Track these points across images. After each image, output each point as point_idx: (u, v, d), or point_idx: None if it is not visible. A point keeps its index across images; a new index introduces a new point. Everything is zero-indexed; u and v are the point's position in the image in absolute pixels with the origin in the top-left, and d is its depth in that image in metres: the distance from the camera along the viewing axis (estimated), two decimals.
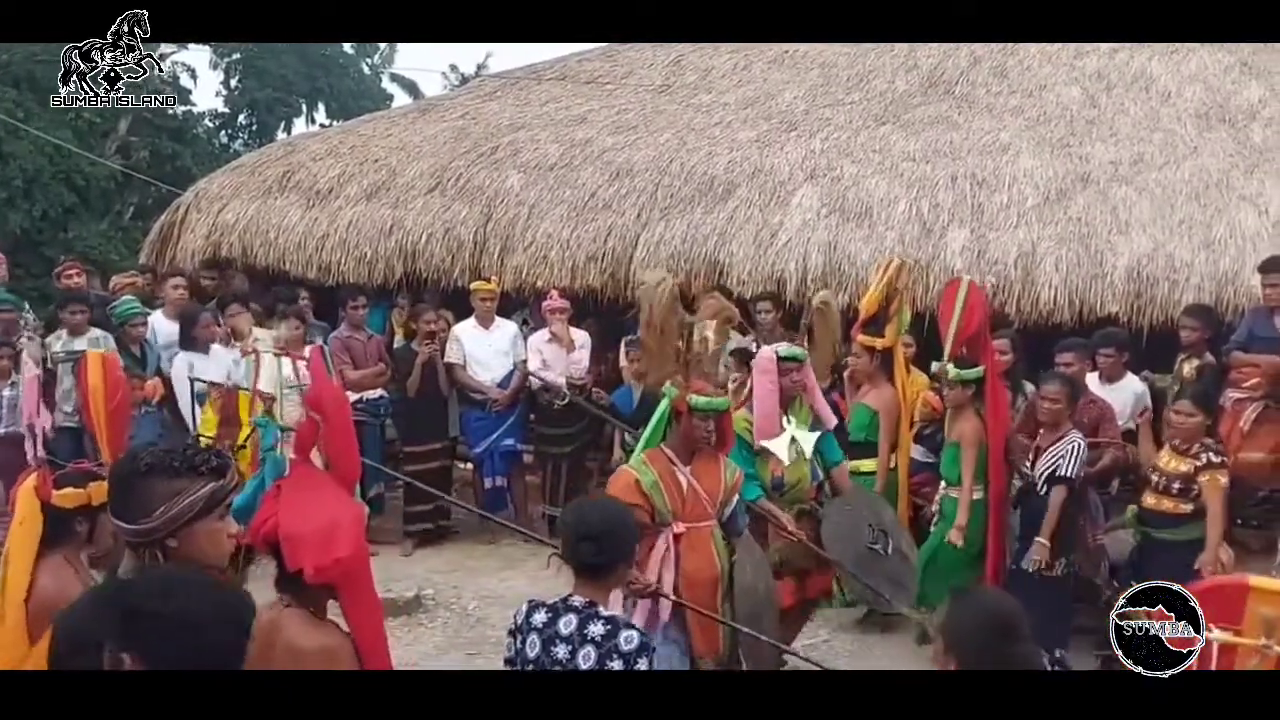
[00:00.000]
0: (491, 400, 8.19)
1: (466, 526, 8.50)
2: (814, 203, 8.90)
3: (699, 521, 4.72)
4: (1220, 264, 7.62)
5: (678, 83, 10.99)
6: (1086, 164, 8.70)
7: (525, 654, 3.06)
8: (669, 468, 4.74)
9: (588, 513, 3.27)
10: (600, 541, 3.07)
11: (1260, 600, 2.74)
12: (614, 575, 3.14)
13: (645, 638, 2.99)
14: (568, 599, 3.08)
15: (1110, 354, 6.90)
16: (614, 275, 9.07)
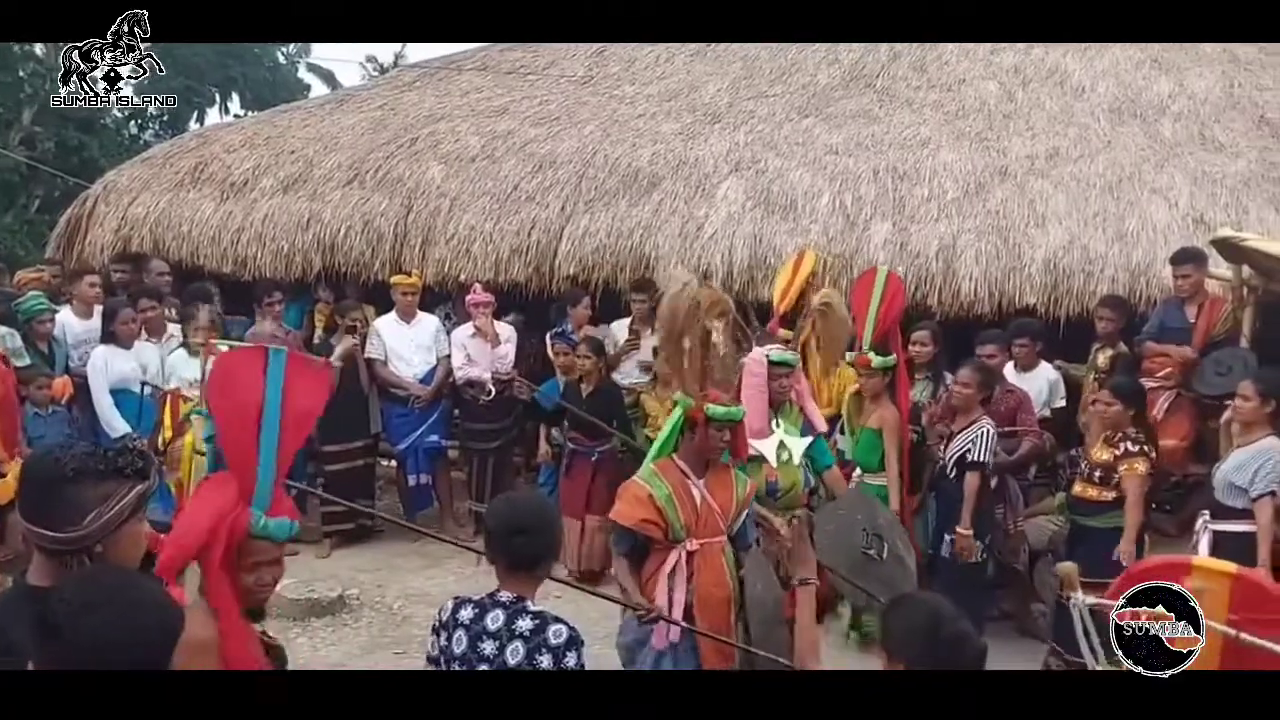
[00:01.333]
0: (414, 396, 8.12)
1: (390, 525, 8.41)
2: (739, 195, 8.96)
3: (712, 537, 4.55)
4: (1133, 256, 7.84)
5: (600, 74, 10.98)
6: (1004, 158, 8.88)
7: (451, 650, 3.03)
8: (682, 480, 4.56)
9: (519, 507, 3.24)
10: (532, 535, 3.06)
11: (1197, 575, 2.86)
12: (541, 569, 3.12)
13: (574, 632, 2.98)
14: (494, 594, 3.06)
15: (1025, 343, 7.10)
16: (538, 268, 9.05)
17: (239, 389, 2.90)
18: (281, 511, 2.95)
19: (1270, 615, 2.75)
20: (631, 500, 4.54)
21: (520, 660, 2.90)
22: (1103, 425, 5.90)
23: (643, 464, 4.76)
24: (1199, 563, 2.99)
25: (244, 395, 2.90)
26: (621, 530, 4.59)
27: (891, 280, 6.51)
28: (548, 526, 3.15)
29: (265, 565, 2.91)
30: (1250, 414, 5.57)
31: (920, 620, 2.63)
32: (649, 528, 4.50)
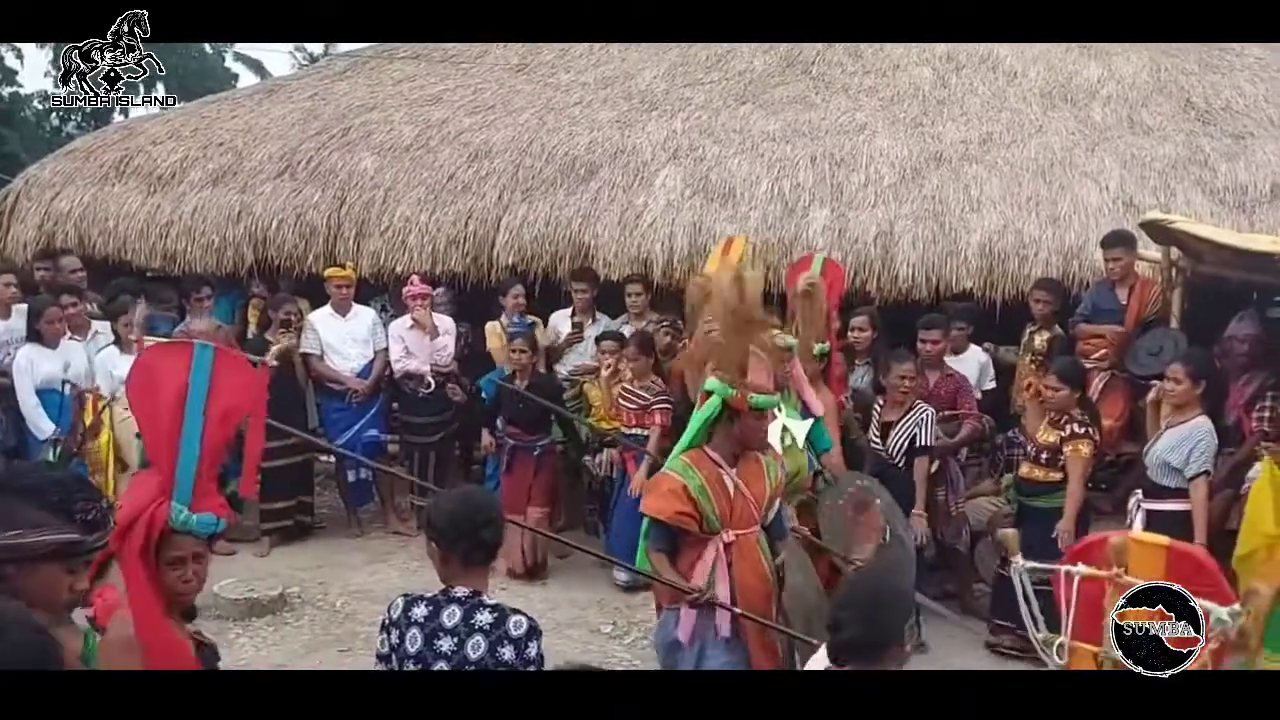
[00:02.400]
0: (351, 390, 8.06)
1: (331, 521, 8.37)
2: (677, 183, 8.99)
3: (747, 528, 4.50)
4: (1065, 239, 8.01)
5: (535, 61, 10.94)
6: (939, 143, 9.01)
7: (405, 649, 3.02)
8: (715, 471, 4.47)
9: (474, 500, 3.21)
10: (492, 527, 3.06)
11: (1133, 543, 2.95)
12: (493, 562, 3.14)
13: (534, 622, 3.00)
14: (448, 591, 3.05)
15: (963, 327, 7.24)
16: (476, 259, 9.01)
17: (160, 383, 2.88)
18: (208, 507, 2.90)
19: (1201, 585, 2.84)
20: (665, 493, 4.44)
21: (483, 654, 2.91)
22: (1048, 409, 6.05)
23: (670, 456, 4.67)
24: (1135, 537, 3.08)
25: (166, 389, 2.87)
26: (660, 528, 4.48)
27: (829, 266, 6.60)
28: (501, 518, 3.14)
29: (188, 561, 2.85)
30: (1182, 395, 5.73)
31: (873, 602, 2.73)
32: (685, 520, 4.41)
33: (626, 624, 6.82)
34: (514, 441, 7.52)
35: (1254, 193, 8.21)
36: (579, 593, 7.27)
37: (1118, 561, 2.86)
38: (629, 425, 7.27)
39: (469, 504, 3.15)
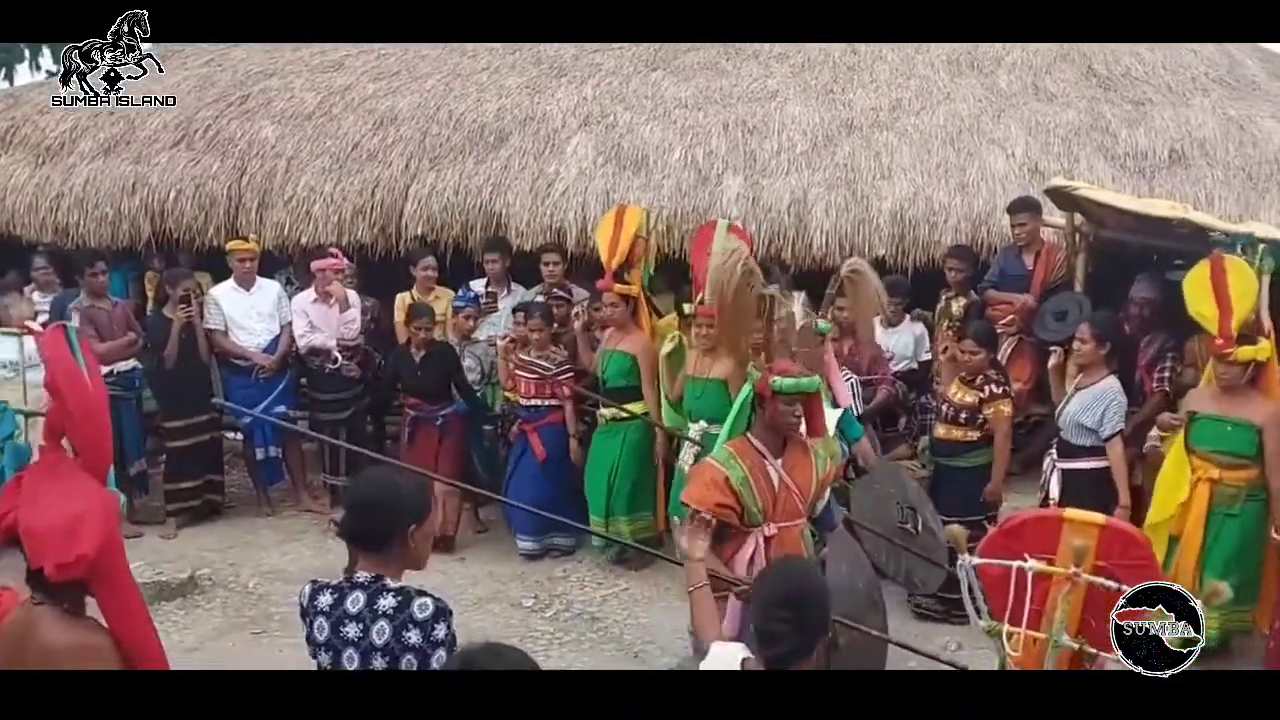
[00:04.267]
0: (258, 366, 7.96)
1: (241, 500, 8.27)
2: (589, 151, 9.01)
3: (791, 520, 4.42)
4: (974, 205, 8.25)
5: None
6: (850, 110, 9.17)
7: (316, 638, 2.99)
8: (759, 461, 4.39)
9: (361, 482, 3.20)
10: (369, 511, 2.97)
11: (1073, 532, 3.05)
12: (395, 547, 2.98)
13: (440, 603, 2.93)
14: (352, 576, 3.01)
15: (897, 301, 7.45)
16: (384, 229, 8.95)
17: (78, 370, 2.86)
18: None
19: (1135, 560, 2.98)
20: (707, 484, 4.35)
21: (388, 639, 2.86)
22: (965, 370, 6.27)
23: (716, 444, 4.59)
24: (1070, 515, 3.17)
25: (85, 376, 2.86)
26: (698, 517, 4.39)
27: (733, 232, 6.71)
28: (391, 502, 2.99)
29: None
30: (1089, 356, 5.99)
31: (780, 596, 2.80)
32: (725, 513, 4.34)
33: (549, 597, 6.88)
34: (415, 412, 7.54)
35: (1153, 158, 8.54)
36: (499, 566, 7.32)
37: (1077, 562, 2.95)
38: (527, 395, 7.33)
39: (370, 485, 3.12)
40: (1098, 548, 2.96)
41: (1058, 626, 2.92)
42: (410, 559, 3.02)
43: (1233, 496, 5.65)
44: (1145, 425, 6.41)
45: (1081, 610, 2.97)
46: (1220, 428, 5.64)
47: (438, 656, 2.84)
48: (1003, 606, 3.00)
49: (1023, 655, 2.99)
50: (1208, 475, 5.65)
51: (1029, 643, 3.00)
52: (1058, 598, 2.93)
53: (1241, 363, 5.52)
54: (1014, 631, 2.99)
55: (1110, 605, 2.87)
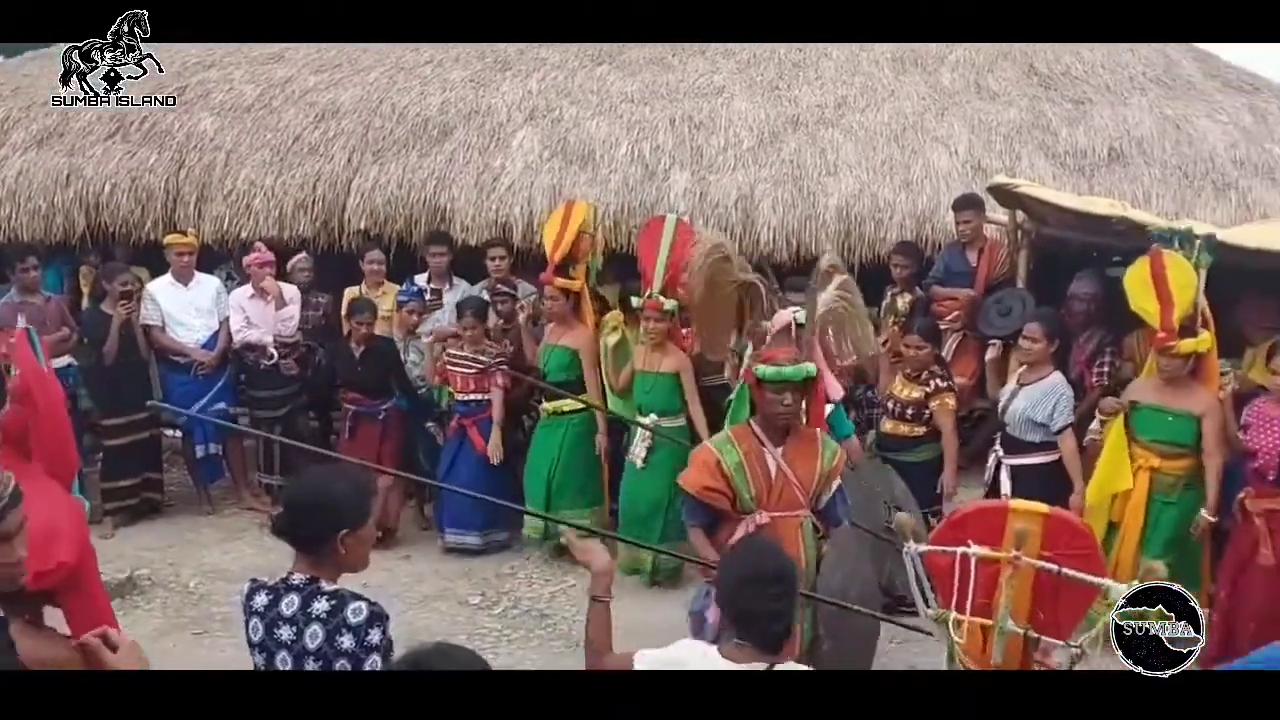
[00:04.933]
0: (196, 363, 7.89)
1: (181, 498, 8.18)
2: (535, 145, 9.04)
3: (788, 511, 4.36)
4: (919, 202, 8.39)
5: None
6: (796, 106, 9.27)
7: (251, 639, 2.97)
8: (757, 448, 4.34)
9: (296, 483, 3.17)
10: (301, 512, 2.95)
11: (1016, 518, 3.13)
12: (330, 549, 2.94)
13: (375, 607, 2.90)
14: (288, 578, 2.97)
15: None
16: (326, 223, 8.92)
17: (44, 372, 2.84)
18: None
19: (1079, 550, 3.06)
20: (700, 466, 4.35)
21: (320, 643, 2.84)
22: (910, 366, 6.39)
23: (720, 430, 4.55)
24: (1015, 505, 3.24)
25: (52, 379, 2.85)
26: (693, 502, 4.43)
27: (680, 227, 6.80)
28: (325, 503, 2.95)
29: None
30: (1039, 354, 6.15)
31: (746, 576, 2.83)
32: (714, 496, 4.34)
33: (495, 594, 6.90)
34: (355, 407, 7.53)
35: (1093, 157, 8.73)
36: (445, 564, 7.32)
37: (1018, 545, 3.02)
38: (464, 390, 7.34)
39: (303, 486, 3.08)
40: (1043, 538, 3.04)
41: (1003, 612, 2.99)
42: (345, 563, 2.98)
43: (1171, 485, 5.84)
44: (1085, 419, 6.58)
45: (1030, 603, 3.05)
46: (1161, 418, 5.82)
47: (371, 662, 2.82)
48: (950, 595, 3.07)
49: (970, 643, 3.06)
50: (1148, 464, 5.85)
51: (976, 631, 3.06)
52: (1002, 583, 3.00)
53: (1183, 355, 5.69)
54: (961, 619, 3.05)
55: (1057, 595, 2.96)
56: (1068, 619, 3.05)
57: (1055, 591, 2.98)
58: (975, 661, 3.07)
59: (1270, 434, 5.64)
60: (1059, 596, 3.00)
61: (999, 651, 3.02)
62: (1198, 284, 5.72)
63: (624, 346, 7.08)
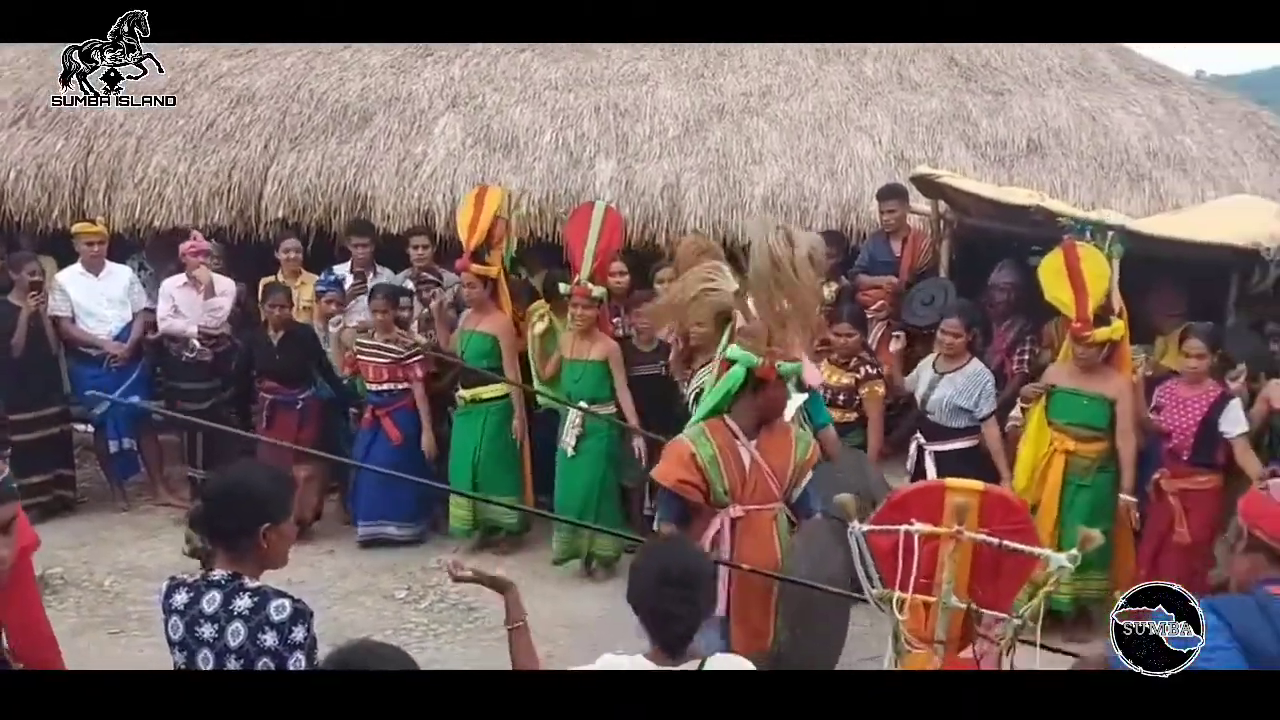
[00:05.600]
0: (109, 355, 7.74)
1: (94, 495, 8.03)
2: (457, 132, 9.02)
3: (762, 504, 4.41)
4: (843, 192, 8.53)
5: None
6: (721, 95, 9.36)
7: (171, 638, 2.94)
8: (731, 441, 4.38)
9: (215, 476, 3.18)
10: (221, 507, 2.94)
11: (954, 495, 3.20)
12: (252, 543, 2.93)
13: (299, 604, 2.87)
14: (209, 574, 2.94)
15: None
16: (242, 212, 8.83)
17: None
18: None
19: (1013, 525, 3.15)
20: (673, 459, 4.38)
21: (242, 641, 2.82)
22: (838, 353, 6.51)
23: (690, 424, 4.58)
24: (952, 483, 3.32)
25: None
26: (666, 495, 4.47)
27: (609, 214, 6.85)
28: (243, 496, 2.94)
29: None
30: (960, 347, 6.30)
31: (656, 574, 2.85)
32: (687, 489, 4.37)
33: (422, 588, 6.88)
34: (272, 396, 7.47)
35: (1012, 147, 8.96)
36: (370, 558, 7.29)
37: (959, 519, 3.09)
38: (377, 380, 7.32)
39: (223, 480, 3.07)
40: (979, 514, 3.13)
41: (946, 588, 3.07)
42: (267, 558, 2.97)
43: (1086, 468, 6.07)
44: (1007, 406, 6.76)
45: (970, 578, 3.12)
46: (1077, 401, 6.04)
47: (295, 660, 2.81)
48: (894, 575, 3.13)
49: (914, 621, 3.13)
50: (1064, 447, 6.07)
51: (920, 608, 3.14)
52: (944, 558, 3.08)
53: (1098, 343, 5.89)
54: (905, 598, 3.11)
55: (996, 570, 3.04)
56: (1007, 593, 3.13)
57: (995, 566, 3.05)
58: (920, 639, 3.14)
59: (1183, 415, 5.89)
60: (998, 571, 3.07)
61: (942, 627, 3.09)
62: (1111, 274, 5.92)
63: (551, 335, 7.10)
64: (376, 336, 7.27)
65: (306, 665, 2.79)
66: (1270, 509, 2.81)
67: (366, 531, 7.42)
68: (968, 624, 3.15)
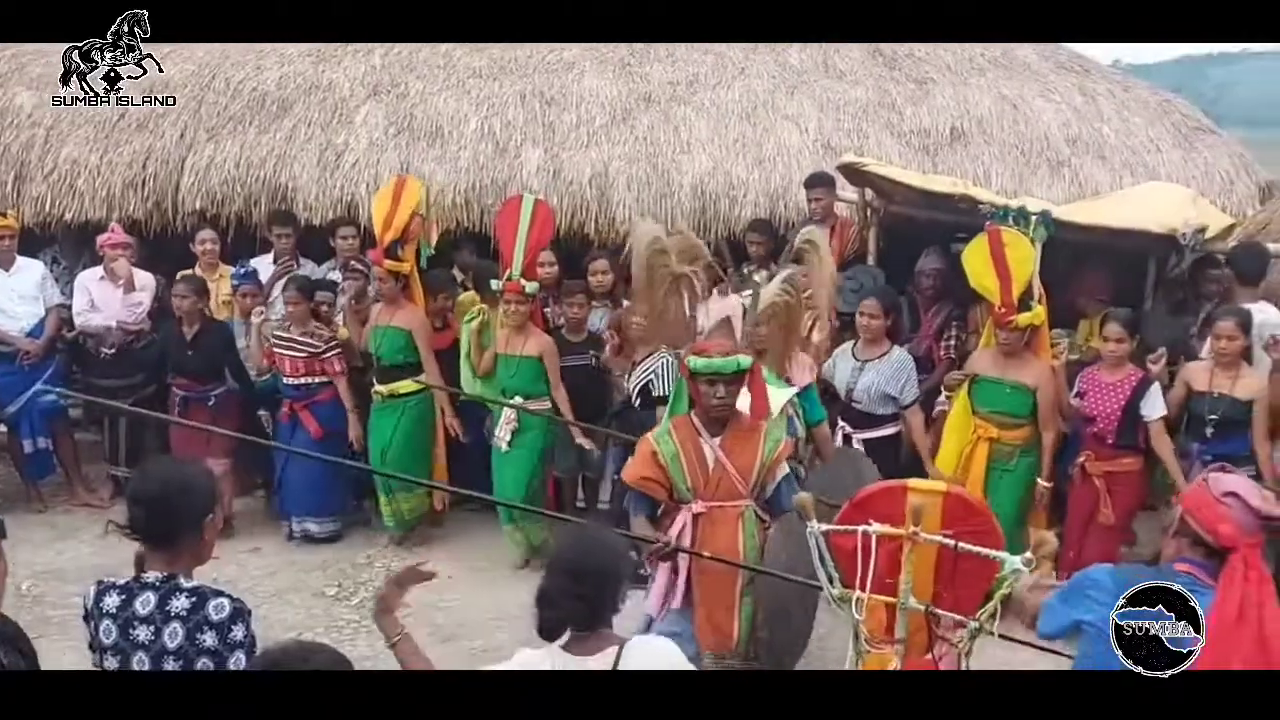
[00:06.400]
0: (21, 351, 7.59)
1: (8, 496, 7.85)
2: (380, 121, 8.98)
3: (726, 500, 4.43)
4: (772, 180, 8.65)
5: None
6: (647, 84, 9.42)
7: (103, 643, 2.92)
8: (695, 438, 4.43)
9: (142, 475, 3.09)
10: (157, 507, 2.89)
11: (915, 495, 3.25)
12: (187, 542, 2.93)
13: (238, 603, 2.88)
14: (141, 576, 2.92)
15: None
16: (159, 204, 8.71)
17: None
18: None
19: (975, 527, 3.21)
20: (638, 457, 4.46)
21: (181, 642, 2.82)
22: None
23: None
24: (914, 484, 3.37)
25: None
26: (632, 490, 4.53)
27: (539, 207, 6.87)
28: (176, 496, 2.92)
29: None
30: (879, 330, 6.44)
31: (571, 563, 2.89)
32: (650, 486, 4.43)
33: (353, 585, 6.87)
34: (183, 393, 7.41)
35: (936, 136, 9.14)
36: (299, 555, 7.26)
37: (915, 520, 3.14)
38: (295, 375, 7.26)
39: (155, 479, 3.01)
40: (942, 516, 3.16)
41: (904, 589, 3.11)
42: (204, 552, 2.99)
43: (1009, 454, 6.27)
44: (934, 391, 6.93)
45: (934, 582, 3.17)
46: (999, 389, 6.22)
47: (235, 659, 2.81)
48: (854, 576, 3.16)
49: (874, 622, 3.17)
50: (987, 434, 6.25)
51: (880, 609, 3.17)
52: (902, 560, 3.11)
53: (1021, 328, 6.06)
54: (864, 598, 3.14)
55: (954, 572, 3.09)
56: (968, 596, 3.18)
57: (954, 569, 3.08)
58: (880, 640, 3.18)
59: (1106, 400, 6.10)
60: (957, 572, 3.11)
61: (902, 627, 3.13)
62: (1035, 259, 6.09)
63: (487, 330, 7.10)
64: (293, 330, 7.22)
65: (247, 664, 2.78)
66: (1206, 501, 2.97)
67: (296, 527, 7.41)
68: (928, 626, 3.19)
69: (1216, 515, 2.91)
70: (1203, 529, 2.90)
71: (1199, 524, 2.92)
